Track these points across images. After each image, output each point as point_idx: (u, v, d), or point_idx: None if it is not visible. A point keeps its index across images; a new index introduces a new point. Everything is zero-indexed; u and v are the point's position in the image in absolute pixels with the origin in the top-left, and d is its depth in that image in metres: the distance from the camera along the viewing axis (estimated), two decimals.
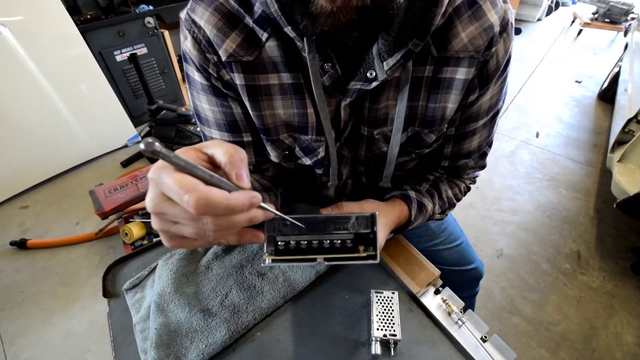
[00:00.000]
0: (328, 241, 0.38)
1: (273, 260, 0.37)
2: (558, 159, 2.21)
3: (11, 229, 1.77)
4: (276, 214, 0.30)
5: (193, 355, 0.48)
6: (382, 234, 0.49)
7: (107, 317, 0.57)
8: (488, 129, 0.55)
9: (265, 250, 0.38)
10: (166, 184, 0.23)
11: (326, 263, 0.38)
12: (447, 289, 0.57)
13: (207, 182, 0.25)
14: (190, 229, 0.26)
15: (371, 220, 0.39)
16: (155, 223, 0.27)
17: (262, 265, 0.58)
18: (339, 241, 0.38)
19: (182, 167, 0.24)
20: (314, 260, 0.38)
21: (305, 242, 0.38)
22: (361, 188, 0.63)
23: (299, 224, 0.37)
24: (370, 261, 0.38)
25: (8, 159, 1.84)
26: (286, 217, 0.34)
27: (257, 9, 0.41)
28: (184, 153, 0.27)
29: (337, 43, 0.41)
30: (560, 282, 1.50)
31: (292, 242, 0.38)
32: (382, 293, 0.52)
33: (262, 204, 0.28)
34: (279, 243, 0.38)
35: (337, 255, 0.38)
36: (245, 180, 0.27)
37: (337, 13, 0.34)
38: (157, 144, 0.22)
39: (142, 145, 0.22)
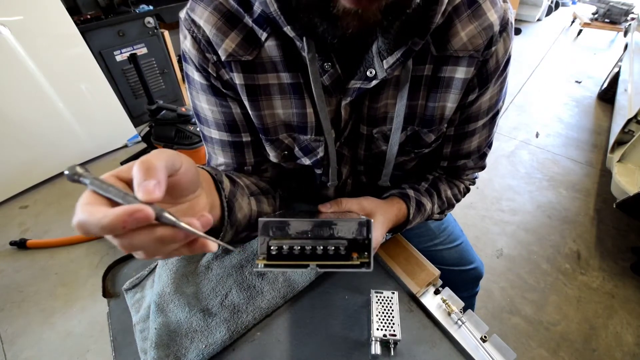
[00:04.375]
0: (322, 247, 0.37)
1: (265, 265, 0.37)
2: (558, 159, 2.21)
3: (11, 229, 1.77)
4: (179, 225, 0.24)
5: (193, 355, 0.48)
6: (379, 232, 0.49)
7: (107, 317, 0.57)
8: (488, 130, 0.55)
9: (257, 255, 0.37)
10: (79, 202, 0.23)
11: (319, 270, 0.37)
12: (447, 289, 0.57)
13: (121, 204, 0.23)
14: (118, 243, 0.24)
15: (366, 226, 0.38)
16: None
17: (254, 269, 0.58)
18: (333, 248, 0.37)
19: (98, 191, 0.23)
20: (307, 266, 0.37)
21: (299, 247, 0.37)
22: (361, 188, 0.63)
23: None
24: (364, 269, 0.37)
25: (8, 159, 1.84)
26: (191, 228, 0.25)
27: (257, 8, 0.41)
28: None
29: (353, 47, 0.40)
30: (560, 282, 1.50)
31: (285, 248, 0.37)
32: (382, 293, 0.52)
33: (167, 216, 0.23)
34: (272, 248, 0.37)
35: (330, 263, 0.37)
36: (157, 192, 0.23)
37: (363, 15, 0.33)
38: (77, 168, 0.23)
39: (66, 172, 0.23)
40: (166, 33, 2.35)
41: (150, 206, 0.22)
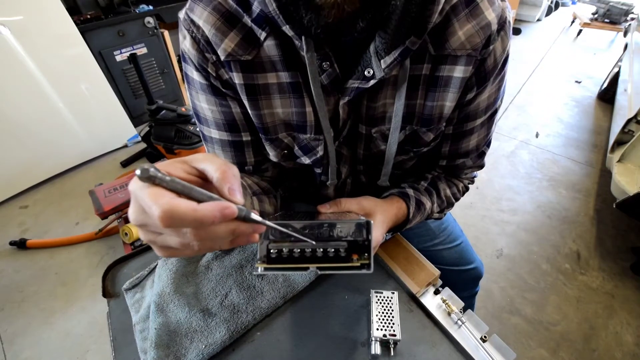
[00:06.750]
0: (321, 249, 0.37)
1: (265, 269, 0.37)
2: (558, 159, 2.21)
3: (11, 228, 1.77)
4: (266, 224, 0.28)
5: (193, 355, 0.48)
6: (379, 232, 0.49)
7: (106, 317, 0.57)
8: (486, 128, 0.55)
9: (257, 258, 0.37)
10: (140, 196, 0.23)
11: (319, 272, 0.37)
12: (446, 289, 0.57)
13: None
14: (174, 239, 0.25)
15: (366, 227, 0.38)
16: (141, 235, 0.26)
17: (254, 273, 0.58)
18: (333, 250, 0.37)
19: (180, 190, 0.24)
20: (307, 269, 0.37)
21: (299, 250, 0.37)
22: (360, 187, 0.63)
23: (300, 237, 0.34)
24: (364, 271, 0.37)
25: (8, 159, 1.84)
26: (280, 227, 0.31)
27: (256, 8, 0.42)
28: (170, 165, 0.26)
29: (339, 37, 0.40)
30: (560, 282, 1.50)
31: (285, 250, 0.37)
32: (382, 293, 0.52)
33: (254, 216, 0.27)
34: (272, 251, 0.37)
35: (330, 265, 0.37)
36: (238, 195, 0.26)
37: (342, 4, 0.34)
38: (152, 170, 0.23)
39: (138, 172, 0.23)
40: (166, 33, 2.35)
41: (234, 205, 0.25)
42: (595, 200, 1.89)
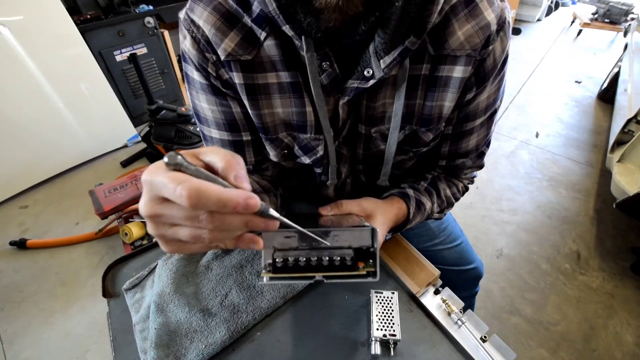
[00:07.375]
0: (327, 258, 0.36)
1: (271, 278, 0.36)
2: (558, 159, 2.21)
3: (11, 228, 1.77)
4: (282, 220, 0.28)
5: (193, 355, 0.48)
6: (380, 232, 0.49)
7: (106, 317, 0.57)
8: (486, 128, 0.55)
9: (262, 267, 0.36)
10: (160, 182, 0.23)
11: (325, 281, 0.37)
12: (446, 289, 0.57)
13: None
14: (186, 230, 0.25)
15: (372, 234, 0.37)
16: (150, 228, 0.26)
17: (259, 282, 0.57)
18: (339, 258, 0.36)
19: (203, 179, 0.24)
20: (313, 278, 0.36)
21: (304, 259, 0.36)
22: (360, 187, 0.63)
23: (309, 233, 0.34)
24: (370, 279, 0.36)
25: (8, 159, 1.84)
26: (292, 224, 0.30)
27: (256, 7, 0.42)
28: None
29: (340, 39, 0.40)
30: (560, 282, 1.50)
31: (291, 259, 0.36)
32: (382, 293, 0.52)
33: (272, 212, 0.27)
34: (277, 260, 0.36)
35: (336, 274, 0.36)
36: (245, 183, 0.26)
37: (344, 7, 0.33)
38: (179, 157, 0.24)
39: (165, 159, 0.24)
40: (166, 33, 2.35)
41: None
42: (595, 200, 1.89)
